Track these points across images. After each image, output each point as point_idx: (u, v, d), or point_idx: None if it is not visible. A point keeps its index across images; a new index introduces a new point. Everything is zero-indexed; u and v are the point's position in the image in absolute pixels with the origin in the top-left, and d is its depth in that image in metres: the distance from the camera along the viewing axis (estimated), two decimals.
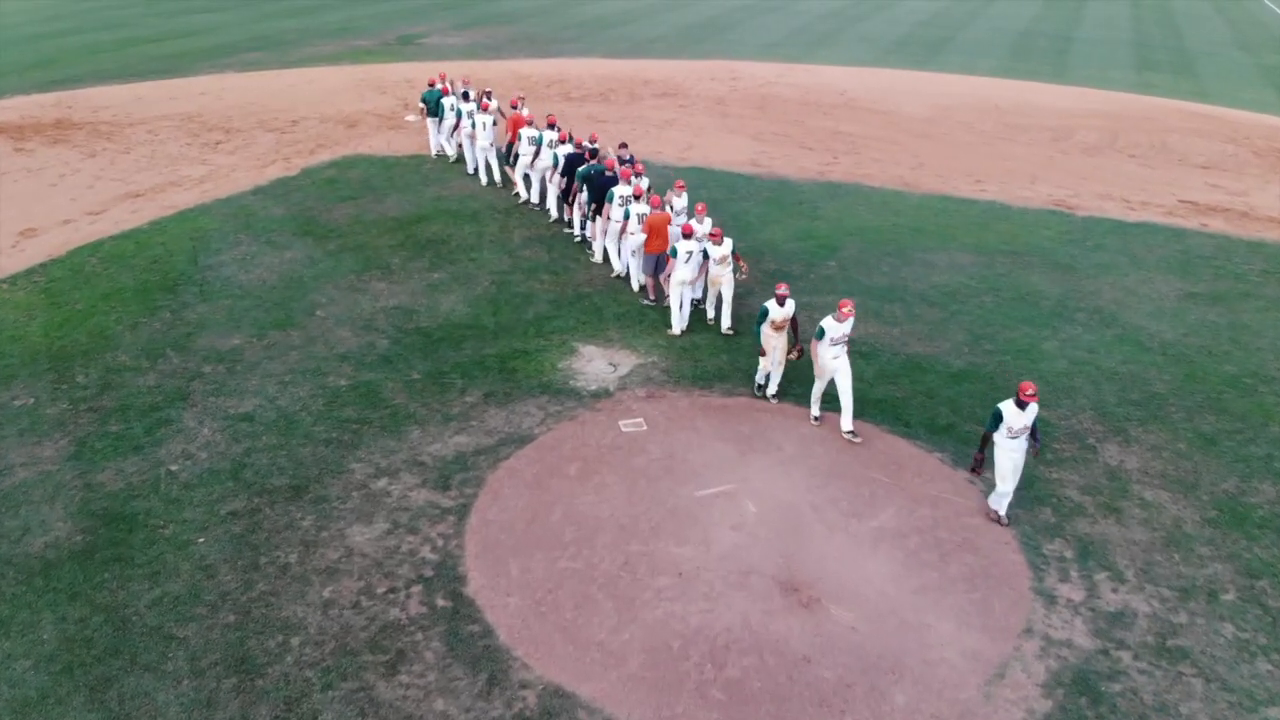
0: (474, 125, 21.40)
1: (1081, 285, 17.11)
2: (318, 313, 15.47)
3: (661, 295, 15.91)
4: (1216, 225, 20.45)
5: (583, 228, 18.45)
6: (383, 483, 11.18)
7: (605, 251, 17.46)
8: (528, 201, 20.53)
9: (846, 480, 11.15)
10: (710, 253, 14.61)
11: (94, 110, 28.14)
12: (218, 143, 24.69)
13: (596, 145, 18.25)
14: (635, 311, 15.76)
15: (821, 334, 11.97)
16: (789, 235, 19.13)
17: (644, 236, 15.75)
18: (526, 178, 20.50)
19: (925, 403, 13.12)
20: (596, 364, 14.04)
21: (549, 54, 37.64)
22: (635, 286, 16.66)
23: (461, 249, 18.17)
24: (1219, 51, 44.42)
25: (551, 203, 19.70)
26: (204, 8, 48.62)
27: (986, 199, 21.48)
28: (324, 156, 23.54)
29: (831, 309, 16.05)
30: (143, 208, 20.13)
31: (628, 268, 16.80)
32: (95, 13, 48.22)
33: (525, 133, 19.68)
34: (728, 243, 14.64)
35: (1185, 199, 22.05)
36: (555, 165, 18.86)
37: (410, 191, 21.18)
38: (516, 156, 20.25)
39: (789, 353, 12.67)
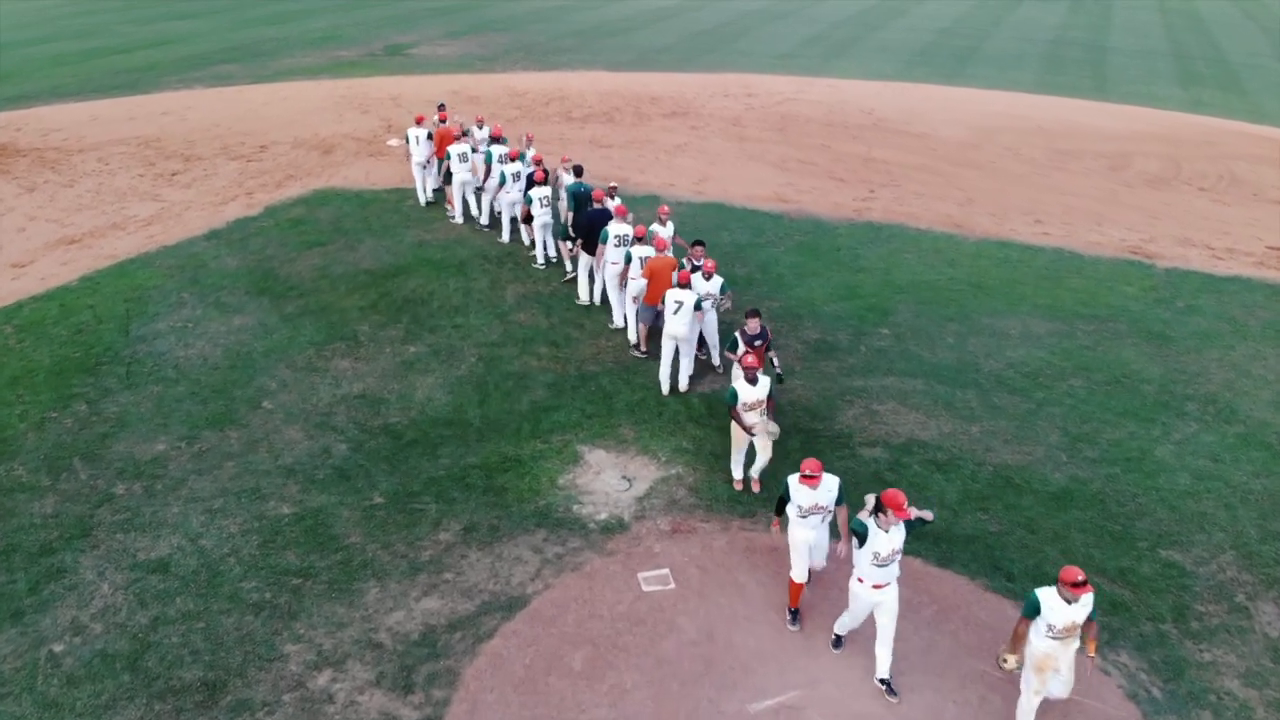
0: (407, 140, 19.46)
1: (1183, 363, 14.33)
2: (264, 404, 12.66)
3: (656, 347, 13.69)
4: None
5: (545, 249, 17.21)
6: (324, 678, 8.38)
7: (598, 290, 15.63)
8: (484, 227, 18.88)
9: (945, 676, 8.36)
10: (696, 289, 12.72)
11: (44, 133, 25.34)
12: (173, 174, 21.87)
13: (567, 163, 17.07)
14: (652, 399, 12.98)
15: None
16: (830, 292, 16.33)
17: (644, 283, 13.50)
18: (489, 207, 18.70)
19: (1026, 540, 10.33)
20: (606, 478, 11.25)
21: (547, 65, 34.85)
22: (632, 337, 14.45)
23: (444, 312, 15.37)
24: (1261, 64, 41.64)
25: (504, 226, 18.20)
26: (181, 13, 45.80)
27: (1052, 245, 18.68)
28: (292, 191, 20.73)
29: (893, 394, 13.19)
30: (76, 258, 17.32)
31: (625, 318, 14.80)
32: (67, 20, 45.43)
33: (454, 149, 18.03)
34: (717, 280, 12.96)
35: (1274, 245, 19.28)
36: (502, 184, 17.34)
37: (388, 235, 18.38)
38: (449, 174, 18.58)
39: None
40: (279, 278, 16.45)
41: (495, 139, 18.44)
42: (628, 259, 14.01)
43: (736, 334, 11.66)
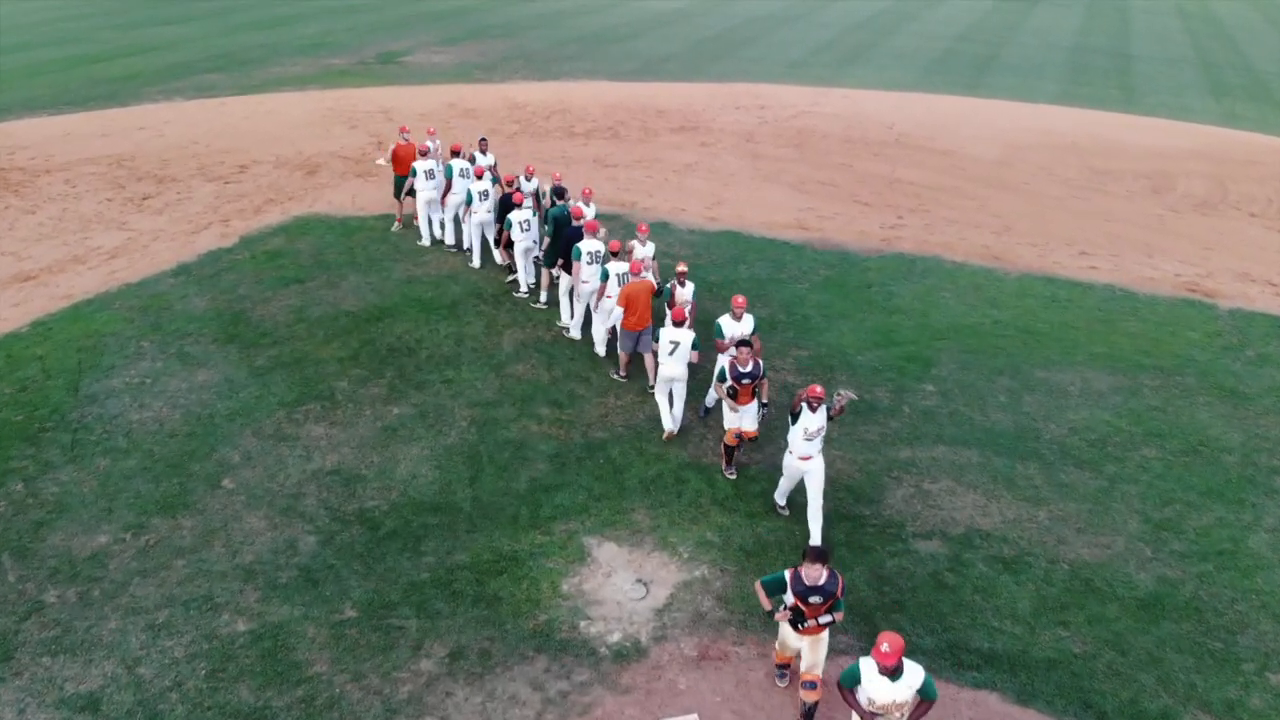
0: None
1: (1263, 426, 12.72)
2: (224, 482, 11.06)
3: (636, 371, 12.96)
4: None
5: (527, 275, 16.02)
6: None
7: (580, 316, 14.63)
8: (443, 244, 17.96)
9: None
10: (723, 330, 11.63)
11: (10, 152, 23.68)
12: (144, 198, 20.25)
13: (560, 184, 15.61)
14: (670, 474, 11.36)
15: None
16: (863, 339, 14.73)
17: (620, 309, 12.83)
18: (457, 226, 17.66)
19: (1117, 664, 8.72)
20: (618, 581, 9.65)
21: (548, 75, 33.23)
22: (602, 350, 14.03)
23: (433, 363, 13.77)
24: None
25: (475, 248, 17.11)
26: (167, 18, 44.09)
27: (1102, 281, 17.07)
28: (271, 217, 19.11)
29: (946, 468, 11.47)
30: (30, 297, 15.71)
31: (584, 324, 14.45)
32: (50, 25, 43.65)
33: (420, 165, 17.11)
34: (749, 320, 11.85)
35: None
36: (469, 203, 16.30)
37: (374, 270, 16.78)
38: (412, 191, 17.61)
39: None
40: (250, 322, 14.84)
41: (455, 153, 17.36)
42: (604, 276, 13.17)
43: (786, 575, 7.62)
